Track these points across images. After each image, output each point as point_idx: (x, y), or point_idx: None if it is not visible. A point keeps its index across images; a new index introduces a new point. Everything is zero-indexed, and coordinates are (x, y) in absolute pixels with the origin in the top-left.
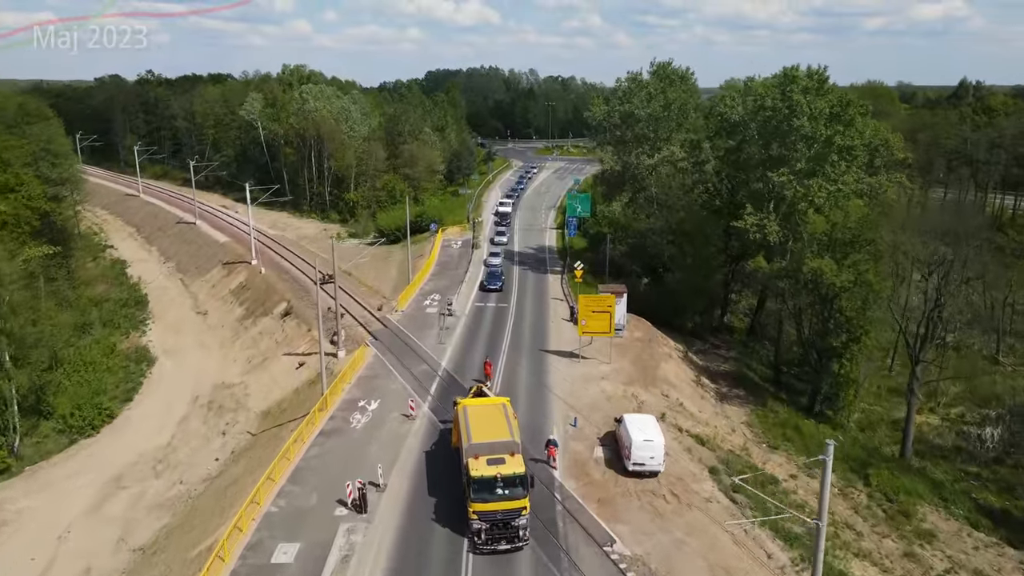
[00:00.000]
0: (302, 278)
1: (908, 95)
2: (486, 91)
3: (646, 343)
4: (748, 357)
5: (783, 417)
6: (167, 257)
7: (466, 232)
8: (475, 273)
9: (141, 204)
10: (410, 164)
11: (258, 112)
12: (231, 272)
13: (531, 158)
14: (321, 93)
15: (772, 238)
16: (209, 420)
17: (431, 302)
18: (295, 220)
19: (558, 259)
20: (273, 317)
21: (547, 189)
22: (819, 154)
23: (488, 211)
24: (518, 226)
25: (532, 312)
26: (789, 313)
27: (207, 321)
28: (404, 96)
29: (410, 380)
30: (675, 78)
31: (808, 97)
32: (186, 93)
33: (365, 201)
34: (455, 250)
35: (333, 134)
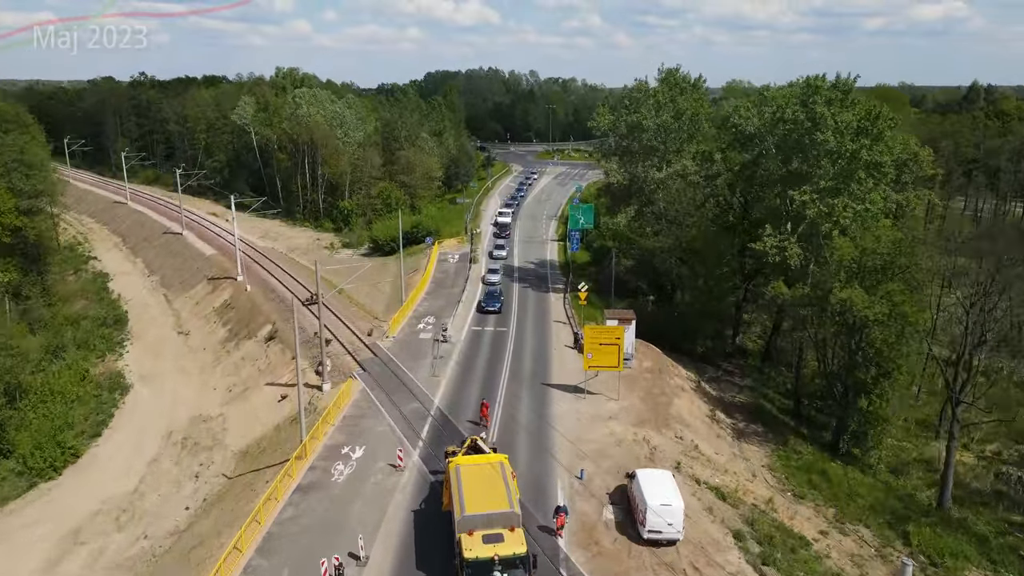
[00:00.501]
0: (289, 297)
1: (917, 98)
2: (486, 93)
3: (656, 374)
4: (764, 385)
5: (807, 459)
6: (152, 270)
7: (464, 245)
8: (472, 292)
9: (128, 212)
10: (406, 171)
11: (250, 117)
12: (216, 288)
13: (531, 163)
14: (315, 98)
15: (793, 262)
16: (182, 460)
17: (425, 326)
18: (287, 229)
19: (560, 275)
20: (257, 341)
21: (548, 196)
22: (844, 170)
23: (487, 221)
24: (518, 237)
25: (533, 337)
26: (811, 342)
27: (188, 342)
28: (400, 100)
29: (399, 421)
30: (685, 86)
31: (832, 109)
32: (179, 96)
33: (360, 209)
34: (452, 265)
35: (327, 140)
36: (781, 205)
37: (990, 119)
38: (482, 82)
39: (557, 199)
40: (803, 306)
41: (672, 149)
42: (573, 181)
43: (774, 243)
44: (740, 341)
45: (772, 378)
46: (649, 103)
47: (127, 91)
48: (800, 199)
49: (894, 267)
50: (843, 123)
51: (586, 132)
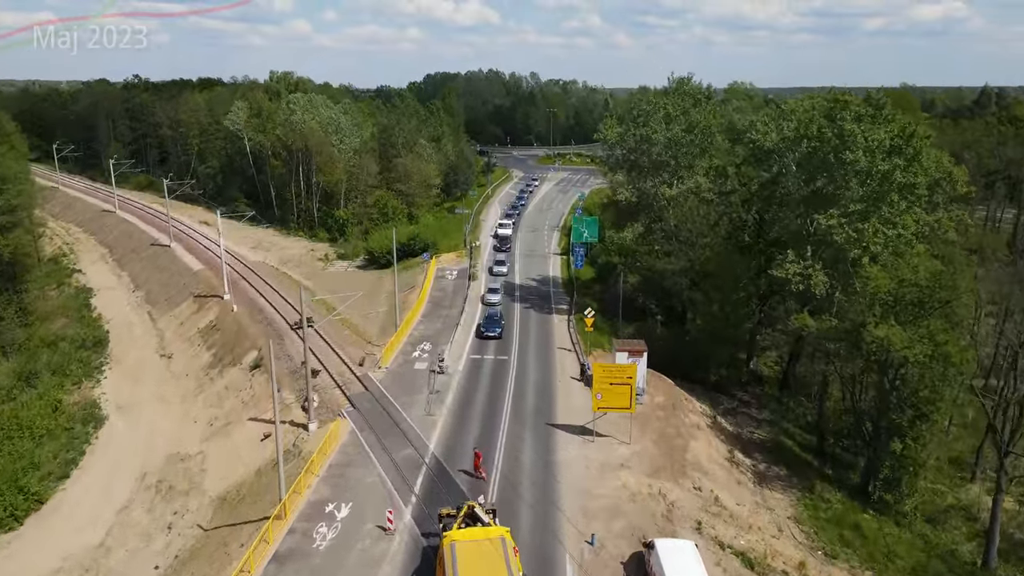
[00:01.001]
0: (278, 320)
1: (927, 103)
2: (485, 95)
3: (670, 411)
4: (783, 417)
5: (837, 510)
6: (137, 284)
7: (463, 259)
8: (472, 313)
9: (117, 222)
10: (404, 179)
11: (243, 122)
12: (202, 307)
13: (532, 168)
14: (310, 103)
15: (818, 290)
16: (155, 507)
17: (420, 354)
18: (281, 239)
19: (564, 294)
20: (242, 368)
21: (549, 205)
22: (875, 192)
23: (486, 232)
24: (519, 251)
25: (536, 368)
26: (837, 376)
27: (171, 367)
28: (397, 106)
29: (390, 470)
30: (699, 96)
31: (863, 126)
32: (173, 99)
33: (356, 218)
34: (450, 282)
35: (321, 147)
36: (803, 227)
37: (1003, 125)
38: (482, 84)
39: (559, 208)
40: (831, 340)
41: (683, 164)
42: (575, 188)
43: (797, 270)
44: (755, 366)
45: (791, 409)
46: (659, 115)
47: (120, 94)
48: (826, 223)
49: (933, 300)
50: (875, 141)
51: (587, 135)
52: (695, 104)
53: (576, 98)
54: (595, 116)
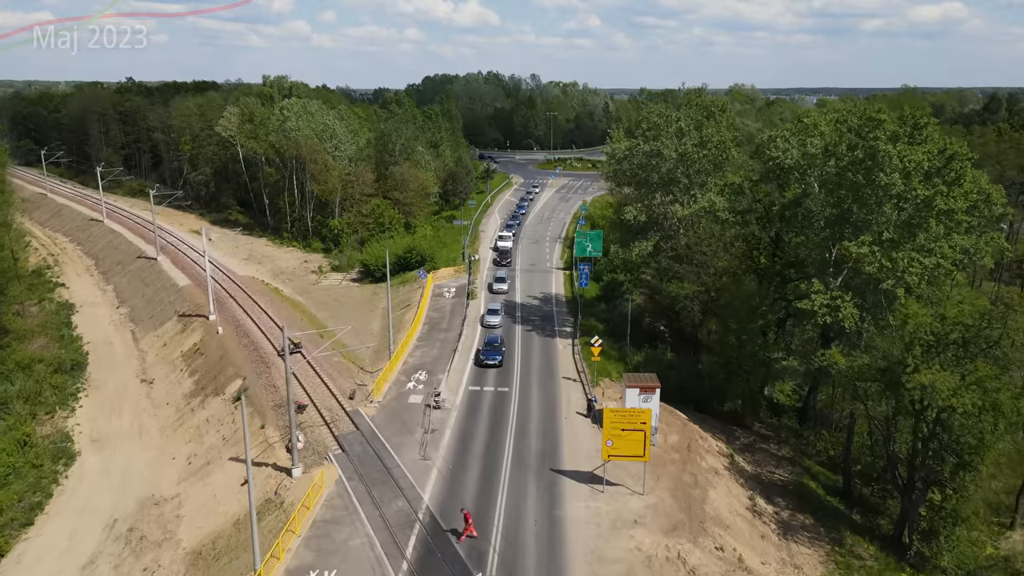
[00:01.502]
0: (264, 345)
1: (937, 107)
2: (485, 98)
3: (685, 453)
4: (804, 453)
5: (872, 569)
6: (122, 300)
7: (461, 274)
8: (470, 336)
9: (104, 232)
10: (400, 188)
11: (235, 128)
12: (186, 328)
13: (532, 173)
14: (304, 109)
15: (848, 324)
16: (123, 562)
17: (415, 385)
18: (273, 250)
19: (567, 314)
20: (225, 399)
21: (551, 214)
22: (911, 218)
23: (486, 244)
24: (520, 266)
25: (540, 401)
26: (866, 415)
27: (151, 394)
28: (395, 112)
29: (380, 530)
30: (714, 110)
31: (899, 147)
32: (167, 103)
33: (351, 227)
34: (447, 301)
35: (315, 155)
36: (826, 251)
37: (1016, 131)
38: (481, 87)
39: (561, 217)
40: (863, 380)
41: (696, 182)
42: (576, 195)
43: (824, 301)
44: (769, 392)
45: (812, 443)
46: (670, 129)
47: (113, 98)
48: (856, 251)
49: (980, 340)
50: (912, 164)
51: (588, 139)
52: (707, 117)
53: (576, 101)
54: (595, 119)
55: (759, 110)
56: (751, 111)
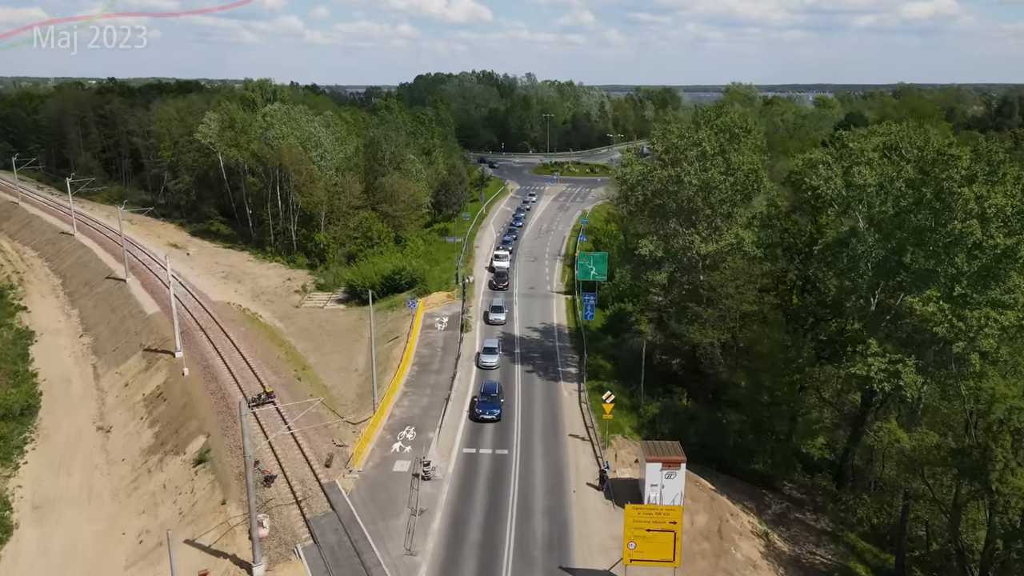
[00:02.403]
0: (233, 391)
1: (947, 111)
2: (479, 98)
3: (716, 541)
4: (845, 523)
5: None
6: (86, 327)
7: (454, 299)
8: (465, 380)
9: (74, 247)
10: (390, 200)
11: (215, 135)
12: (151, 365)
13: (528, 178)
14: (287, 116)
15: (910, 392)
16: None
17: (402, 446)
18: (255, 266)
19: (571, 349)
20: (185, 461)
21: (549, 225)
22: (988, 270)
23: (481, 262)
24: (518, 289)
25: (544, 468)
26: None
27: (108, 445)
28: (385, 119)
29: None
30: (738, 131)
31: (977, 188)
32: (148, 105)
33: (338, 241)
34: (439, 334)
35: (300, 165)
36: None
37: None
38: (475, 87)
39: (560, 229)
40: (931, 464)
41: (721, 212)
42: (575, 203)
43: (881, 365)
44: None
45: (852, 509)
46: (691, 154)
47: (92, 99)
48: (922, 308)
49: None
50: (993, 208)
51: (585, 140)
52: (732, 139)
53: (572, 100)
54: (592, 119)
55: (760, 111)
56: (752, 113)
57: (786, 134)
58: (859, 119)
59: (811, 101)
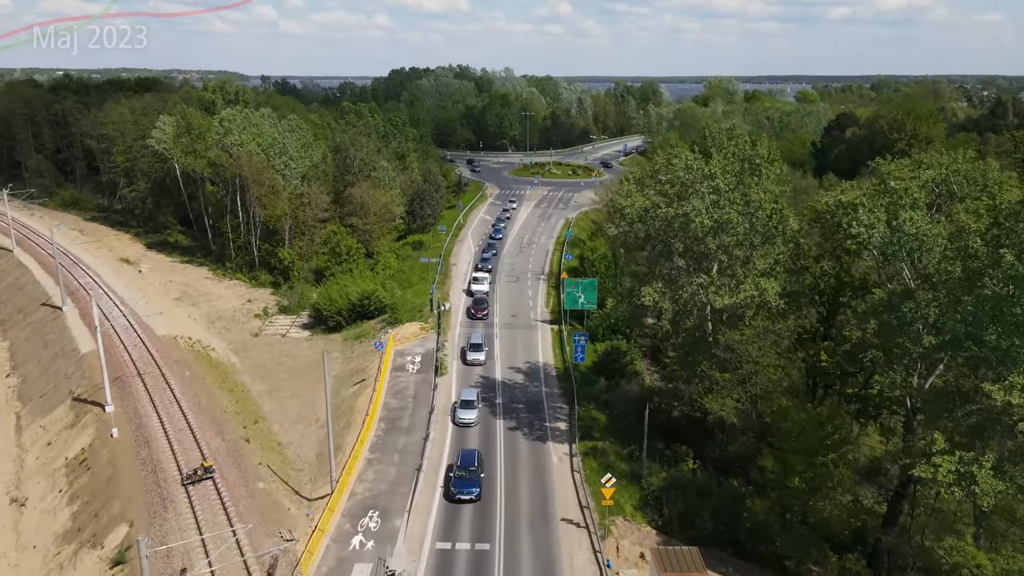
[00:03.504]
0: (168, 463)
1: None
2: (456, 94)
3: None
4: None
5: None
6: (15, 365)
7: (428, 332)
8: (439, 440)
9: (12, 266)
10: (360, 212)
11: (170, 140)
12: (78, 420)
13: (508, 181)
14: (247, 121)
15: (985, 502)
16: None
17: (363, 540)
18: (214, 284)
19: (560, 397)
20: (101, 559)
21: (531, 237)
22: None
23: (458, 283)
24: (499, 318)
25: (534, 570)
26: None
27: (19, 525)
28: (353, 124)
29: None
30: (758, 162)
31: None
32: (104, 103)
33: (304, 256)
34: (411, 377)
35: (261, 175)
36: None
37: None
38: (451, 83)
39: (543, 242)
40: None
41: (738, 256)
42: (558, 210)
43: (952, 467)
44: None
45: None
46: (702, 187)
47: (44, 97)
48: (1003, 398)
49: None
50: None
51: (566, 138)
52: (751, 171)
53: (551, 96)
54: (572, 116)
55: (745, 110)
56: (737, 110)
57: (772, 132)
58: (851, 119)
59: (791, 94)
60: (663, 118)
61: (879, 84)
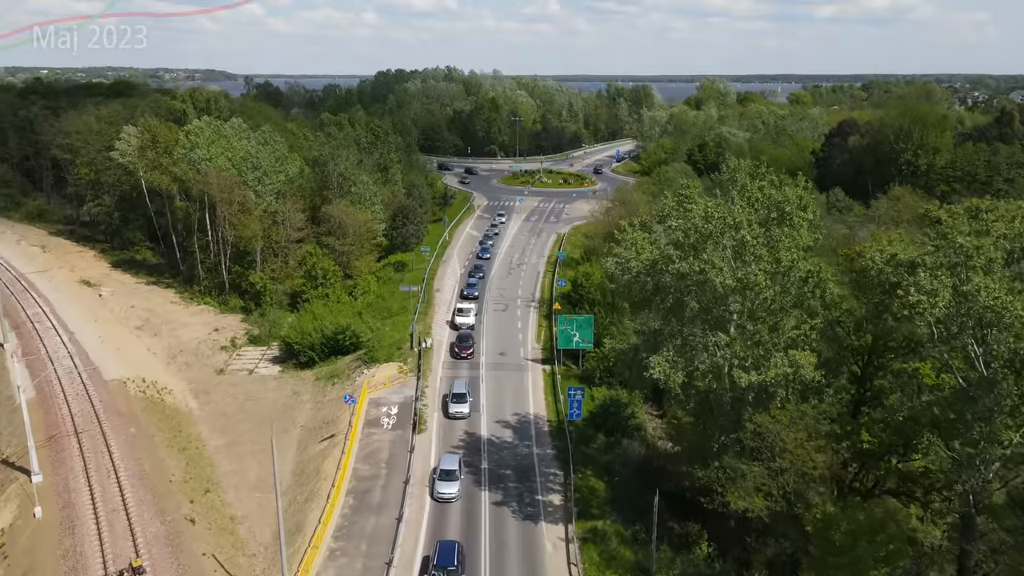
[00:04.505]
0: (93, 556)
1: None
2: (443, 97)
3: None
4: None
5: None
6: None
7: (406, 376)
8: (414, 523)
9: None
10: (338, 232)
11: (135, 153)
12: (2, 490)
13: (496, 190)
14: (217, 134)
15: None
16: None
17: None
18: (180, 309)
19: (554, 461)
20: None
21: (521, 256)
22: None
23: (442, 313)
24: (486, 356)
25: None
26: None
27: None
28: (333, 135)
29: None
30: (788, 209)
31: None
32: (76, 108)
33: (278, 278)
34: (385, 436)
35: (231, 193)
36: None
37: None
38: (439, 85)
39: (534, 262)
40: None
41: (765, 321)
42: (549, 224)
43: None
44: None
45: None
46: (723, 239)
47: (12, 102)
48: None
49: None
50: None
51: (556, 142)
52: (780, 219)
53: (541, 99)
54: (562, 119)
55: (741, 115)
56: (732, 115)
57: (768, 137)
58: (852, 126)
59: (783, 94)
60: (656, 122)
61: (870, 85)
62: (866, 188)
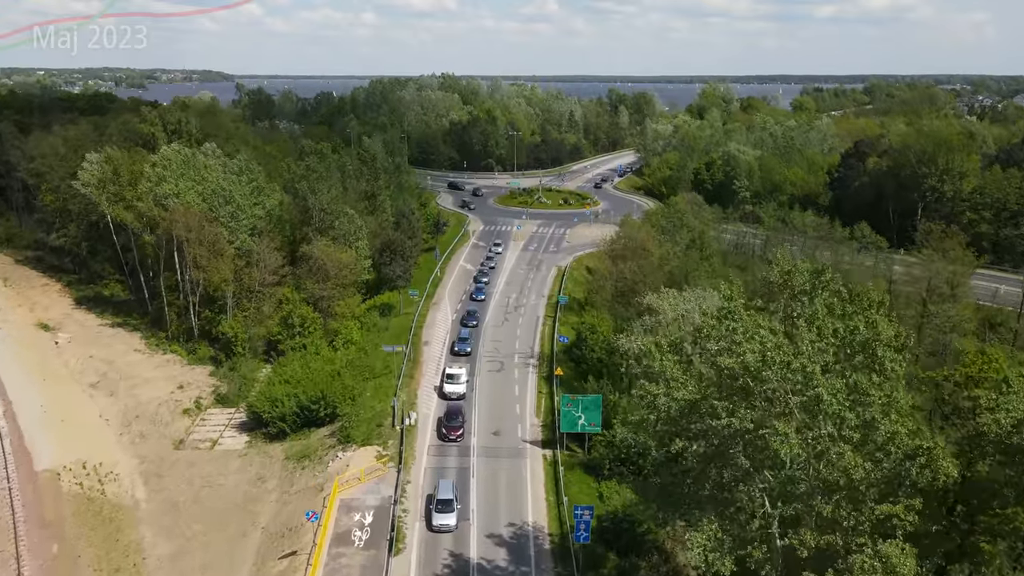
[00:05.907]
0: None
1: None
2: (439, 107)
3: None
4: None
5: None
6: None
7: (385, 466)
8: None
9: None
10: (317, 274)
11: (96, 184)
12: None
13: (493, 212)
14: (186, 165)
15: None
16: None
17: None
18: (144, 359)
19: None
20: None
21: (519, 298)
22: None
23: (430, 374)
24: (478, 437)
25: None
26: None
27: None
28: (315, 169)
29: None
30: (882, 353)
31: None
32: (48, 127)
33: (252, 323)
34: (355, 560)
35: (200, 233)
36: None
37: None
38: (435, 94)
39: (532, 303)
40: None
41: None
42: (548, 254)
43: None
44: None
45: None
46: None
47: None
48: None
49: None
50: None
51: (556, 154)
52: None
53: (539, 108)
54: (563, 130)
55: (748, 128)
56: (739, 128)
57: (778, 152)
58: (870, 146)
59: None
60: (660, 136)
61: (871, 88)
62: (887, 215)
